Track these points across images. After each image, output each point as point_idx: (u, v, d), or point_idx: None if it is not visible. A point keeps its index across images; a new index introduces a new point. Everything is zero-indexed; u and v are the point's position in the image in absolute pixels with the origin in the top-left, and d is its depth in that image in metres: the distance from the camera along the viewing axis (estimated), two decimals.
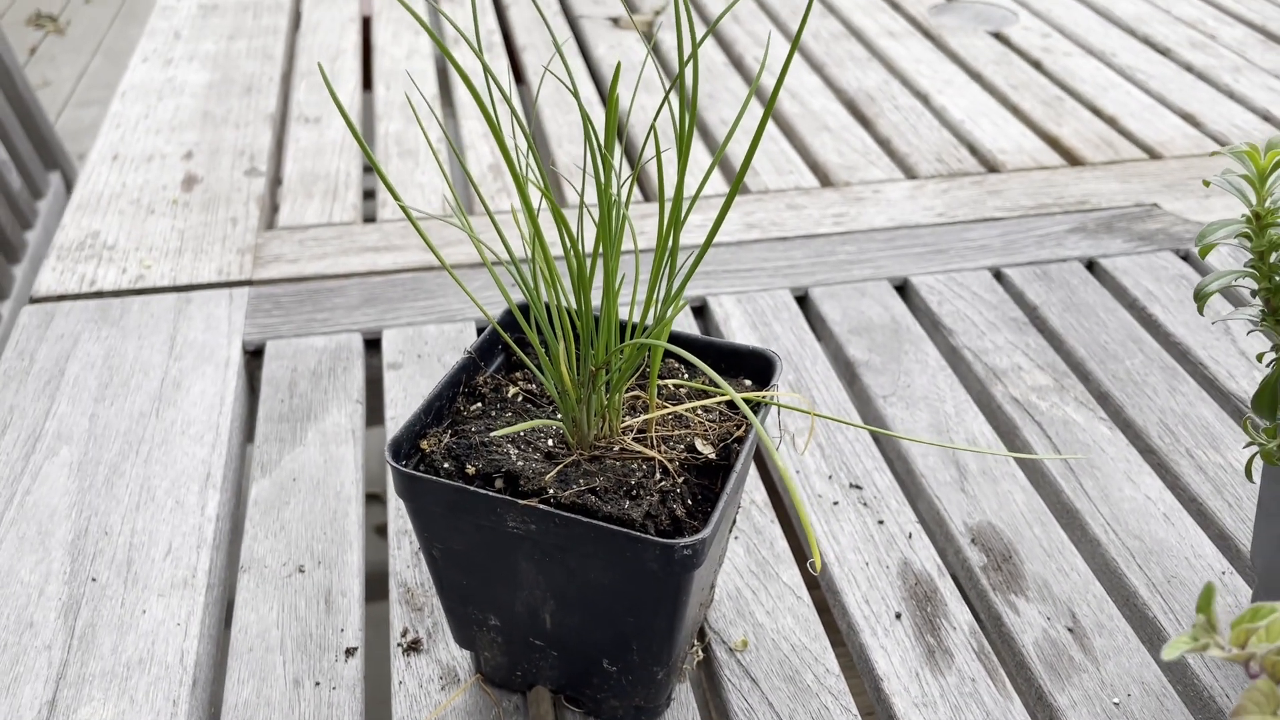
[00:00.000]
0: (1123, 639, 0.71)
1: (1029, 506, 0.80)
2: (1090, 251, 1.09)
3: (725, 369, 0.66)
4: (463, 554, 0.59)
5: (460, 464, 0.59)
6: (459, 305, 1.00)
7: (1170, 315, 1.00)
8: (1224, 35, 1.61)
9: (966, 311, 1.01)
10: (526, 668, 0.64)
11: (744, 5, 1.69)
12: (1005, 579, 0.75)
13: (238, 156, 1.24)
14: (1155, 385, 0.92)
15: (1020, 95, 1.42)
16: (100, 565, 0.74)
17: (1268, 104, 1.40)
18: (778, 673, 0.68)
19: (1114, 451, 0.85)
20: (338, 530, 0.77)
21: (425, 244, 1.08)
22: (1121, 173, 1.24)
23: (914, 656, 0.69)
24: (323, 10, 1.64)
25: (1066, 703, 0.67)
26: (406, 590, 0.73)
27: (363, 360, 0.94)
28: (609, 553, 0.54)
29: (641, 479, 0.58)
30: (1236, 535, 0.78)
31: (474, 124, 1.33)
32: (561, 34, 1.58)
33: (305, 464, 0.83)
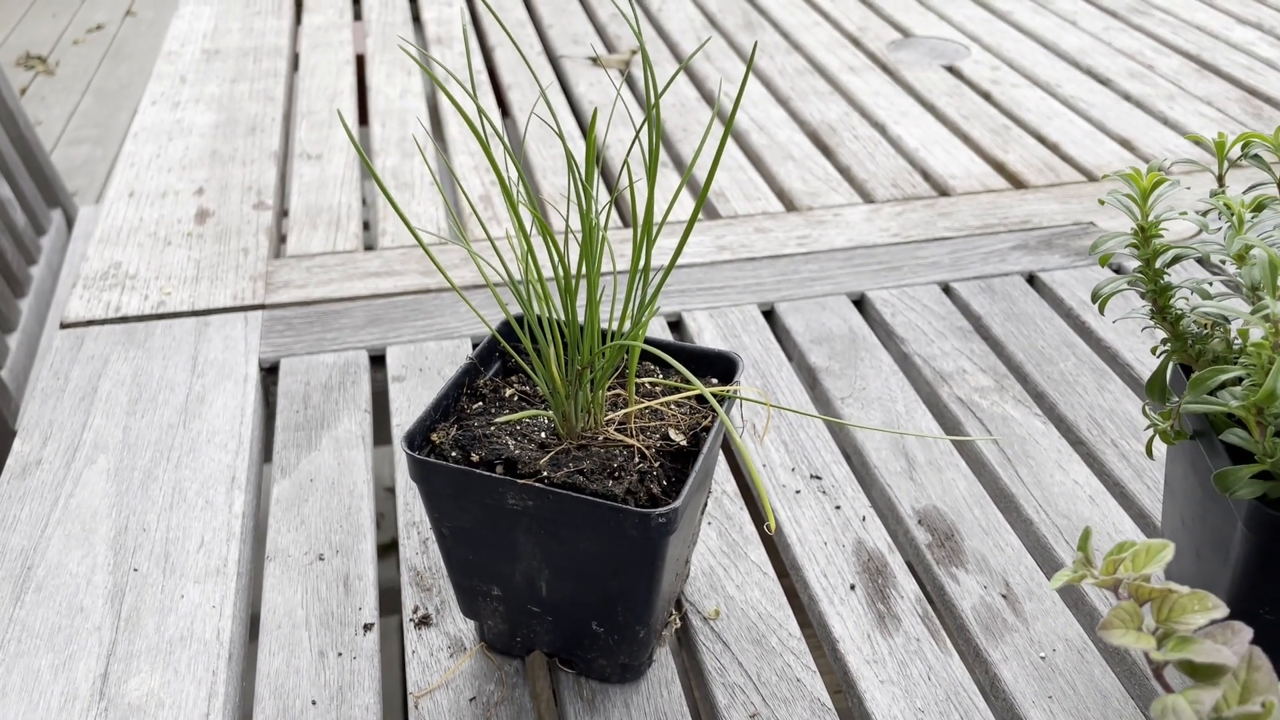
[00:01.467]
0: (1050, 603, 0.80)
1: (970, 492, 0.90)
2: (1031, 266, 1.20)
3: (694, 369, 0.76)
4: (469, 531, 0.68)
5: (466, 452, 0.68)
6: (455, 324, 1.10)
7: (1101, 322, 1.11)
8: (1161, 65, 1.73)
9: (917, 322, 1.11)
10: (525, 633, 0.73)
11: (715, 44, 1.80)
12: (948, 554, 0.84)
13: (246, 191, 1.33)
14: (1086, 384, 1.02)
15: (970, 124, 1.53)
16: (140, 557, 0.83)
17: (1199, 129, 1.51)
18: (746, 636, 0.77)
19: (1047, 443, 0.95)
20: (353, 523, 0.86)
21: (434, 265, 1.18)
22: (1061, 194, 1.35)
23: (866, 621, 0.79)
24: (320, 54, 1.74)
25: (999, 657, 0.76)
26: (416, 574, 0.82)
27: (369, 375, 1.03)
28: (596, 523, 0.63)
29: (623, 463, 0.67)
30: (1153, 513, 0.88)
31: (464, 158, 1.43)
32: (544, 73, 1.69)
33: (321, 466, 0.92)
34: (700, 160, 1.43)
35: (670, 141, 1.49)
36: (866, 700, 0.73)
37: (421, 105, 1.58)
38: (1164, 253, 0.68)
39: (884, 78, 1.69)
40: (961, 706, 0.73)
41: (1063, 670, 0.75)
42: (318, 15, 1.90)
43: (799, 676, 0.75)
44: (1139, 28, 1.89)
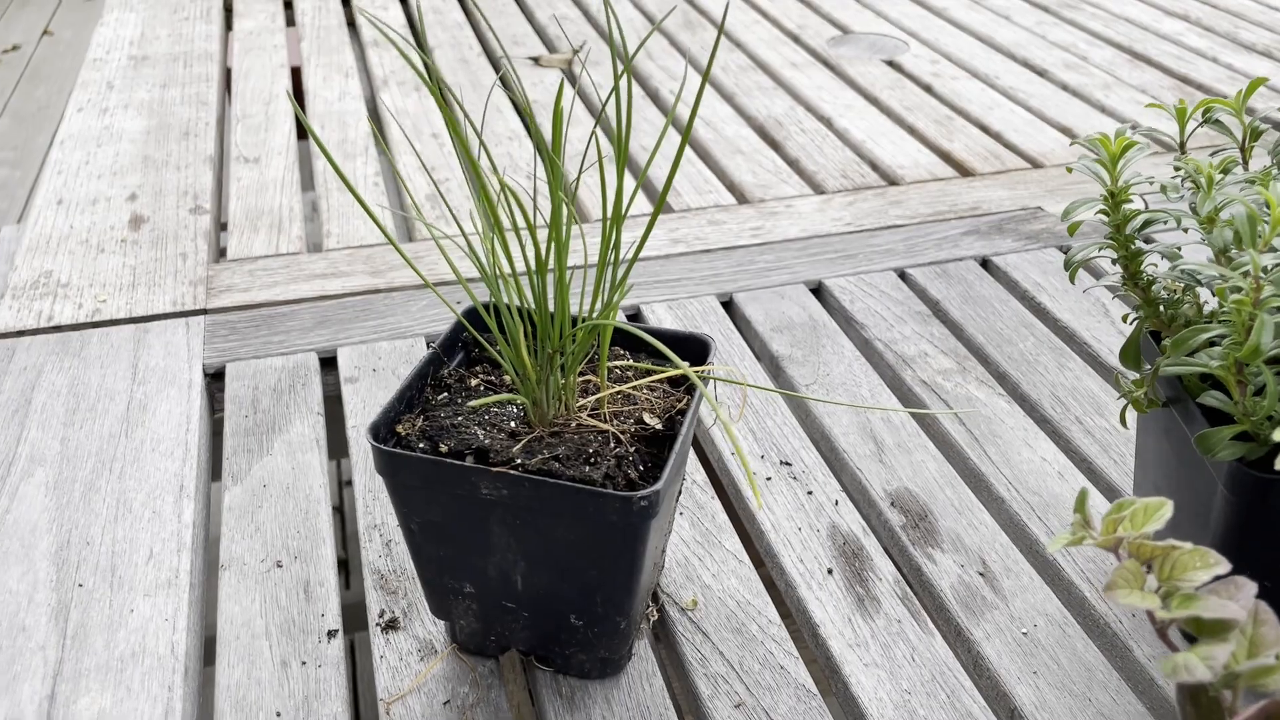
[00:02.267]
0: (1028, 579, 0.79)
1: (940, 473, 0.89)
2: (984, 251, 1.20)
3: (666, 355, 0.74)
4: (439, 525, 0.65)
5: (434, 443, 0.65)
6: (408, 323, 1.07)
7: (1057, 303, 1.11)
8: (1095, 56, 1.76)
9: (876, 308, 1.10)
10: (500, 631, 0.70)
11: (655, 42, 1.79)
12: (922, 535, 0.83)
13: (181, 196, 1.29)
14: (1046, 364, 1.02)
15: (914, 116, 1.54)
16: (85, 572, 0.78)
17: (1136, 115, 1.54)
18: (726, 625, 0.75)
19: (1012, 422, 0.95)
20: (310, 528, 0.83)
21: (385, 263, 1.14)
22: (1008, 181, 1.36)
23: (846, 605, 0.77)
24: (253, 59, 1.69)
25: (981, 635, 0.75)
26: (380, 577, 0.79)
27: (319, 377, 1.00)
28: (575, 509, 0.61)
29: (599, 448, 0.65)
30: (1122, 487, 0.88)
31: (409, 158, 1.40)
32: (483, 75, 1.66)
33: (274, 471, 0.88)
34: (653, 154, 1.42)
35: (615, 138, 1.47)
36: (852, 684, 0.71)
37: (360, 108, 1.54)
38: (1134, 218, 0.68)
39: (826, 73, 1.69)
40: (948, 686, 0.71)
41: (1045, 645, 0.74)
42: (249, 20, 1.85)
43: (782, 664, 0.73)
44: (1071, 21, 1.92)
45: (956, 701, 0.70)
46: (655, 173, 1.37)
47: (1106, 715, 0.70)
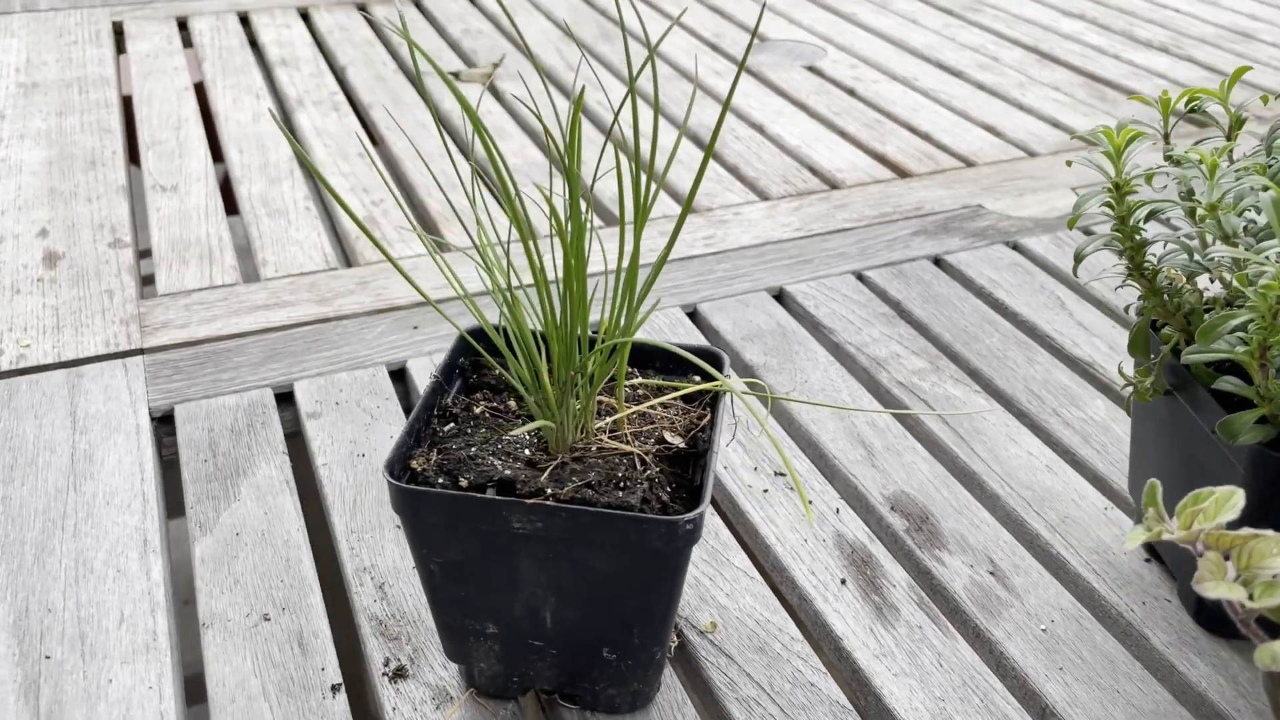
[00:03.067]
0: (1037, 575, 0.79)
1: (933, 473, 0.89)
2: (934, 250, 1.21)
3: (675, 370, 0.71)
4: (461, 564, 0.61)
5: (453, 478, 0.61)
6: (365, 351, 1.02)
7: (1014, 298, 1.12)
8: (1005, 57, 1.80)
9: (841, 311, 1.10)
10: (524, 672, 0.66)
11: (578, 54, 1.77)
12: (927, 538, 0.82)
13: (98, 230, 1.21)
14: (1015, 358, 1.03)
15: (844, 120, 1.55)
16: (51, 642, 0.71)
17: (1054, 113, 1.58)
18: (749, 646, 0.73)
19: (993, 418, 0.95)
20: (294, 576, 0.77)
21: (326, 292, 1.09)
22: (945, 180, 1.37)
23: (865, 615, 0.76)
24: (153, 82, 1.61)
25: (1002, 635, 0.74)
26: (379, 623, 0.74)
27: (278, 414, 0.94)
28: (614, 537, 0.58)
29: (627, 472, 0.62)
30: (1109, 476, 0.89)
31: (339, 180, 1.34)
32: (403, 92, 1.61)
33: (245, 518, 0.82)
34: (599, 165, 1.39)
35: (553, 151, 1.44)
36: (885, 696, 0.70)
37: (277, 130, 1.47)
38: (1139, 209, 0.68)
39: (750, 80, 1.69)
40: (980, 690, 0.70)
41: (1066, 640, 0.74)
42: (143, 43, 1.76)
43: (812, 680, 0.71)
44: (976, 24, 1.96)
45: (991, 705, 0.70)
46: (603, 187, 1.34)
47: (1136, 706, 0.70)
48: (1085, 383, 1.00)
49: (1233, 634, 0.74)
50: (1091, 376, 1.01)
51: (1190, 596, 0.76)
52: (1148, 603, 0.77)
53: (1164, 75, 1.73)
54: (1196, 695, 0.71)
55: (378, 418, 0.93)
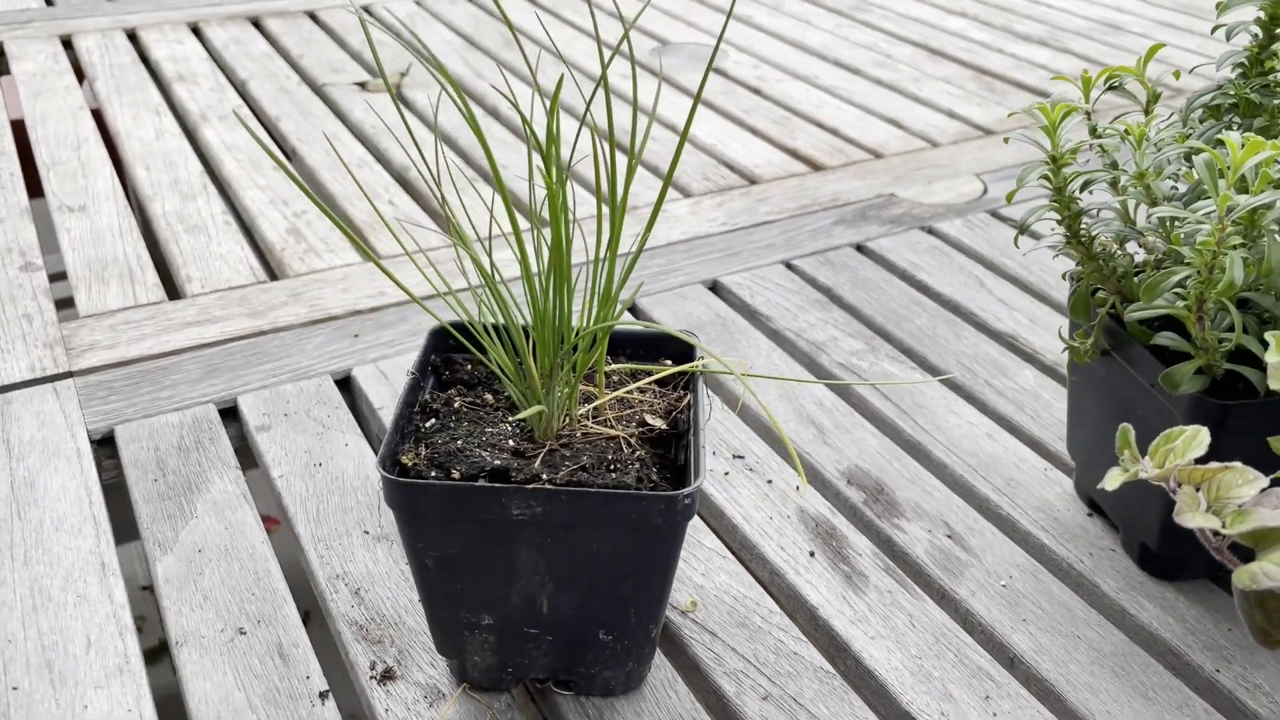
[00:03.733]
0: (990, 535, 0.83)
1: (882, 447, 0.92)
2: (855, 238, 1.25)
3: (649, 354, 0.73)
4: (458, 556, 0.61)
5: (445, 470, 0.61)
6: (307, 362, 1.00)
7: (935, 279, 1.17)
8: (897, 54, 1.87)
9: (776, 299, 1.13)
10: (519, 661, 0.67)
11: (483, 61, 1.77)
12: (884, 508, 0.86)
13: (5, 254, 1.16)
14: (944, 335, 1.08)
15: (753, 118, 1.59)
16: (16, 673, 0.69)
17: (949, 104, 1.65)
18: (729, 621, 0.75)
19: (932, 391, 0.99)
20: (265, 589, 0.76)
21: (256, 306, 1.07)
22: (857, 172, 1.42)
23: (836, 584, 0.78)
24: (45, 102, 1.54)
25: (966, 593, 0.78)
26: (359, 628, 0.73)
27: (224, 429, 0.92)
28: (615, 517, 0.59)
29: (616, 454, 0.63)
30: (1044, 440, 0.93)
31: (256, 194, 1.31)
32: (309, 104, 1.59)
33: (206, 535, 0.80)
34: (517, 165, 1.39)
35: (472, 157, 1.44)
36: (865, 659, 0.72)
37: (184, 145, 1.44)
38: (1074, 180, 0.73)
39: (655, 81, 1.72)
40: (952, 645, 0.74)
41: (1025, 593, 0.78)
42: (27, 63, 1.69)
43: (794, 650, 0.73)
44: (866, 23, 2.03)
45: (964, 659, 0.73)
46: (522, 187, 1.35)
47: (1096, 649, 0.74)
48: (1012, 354, 1.05)
49: (1174, 577, 0.79)
50: (1016, 348, 1.06)
51: (1134, 545, 0.81)
52: (1095, 554, 0.82)
53: (1046, 66, 1.82)
54: (1149, 635, 0.75)
55: (330, 427, 0.92)
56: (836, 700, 0.70)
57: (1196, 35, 2.01)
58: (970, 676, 0.72)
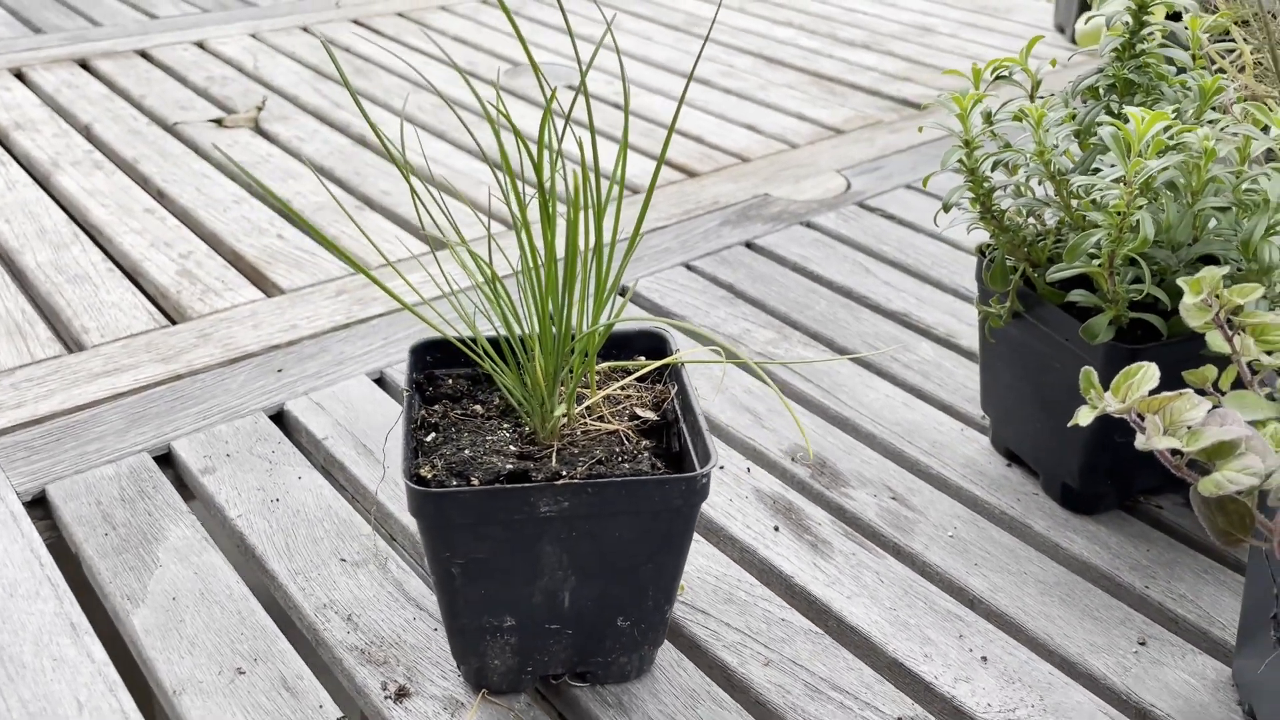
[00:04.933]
0: (930, 493, 0.90)
1: (814, 424, 0.98)
2: (743, 236, 1.32)
3: (622, 351, 0.76)
4: (484, 561, 0.63)
5: (465, 478, 0.63)
6: (236, 401, 0.98)
7: (825, 269, 1.25)
8: (740, 64, 1.96)
9: (685, 299, 1.18)
10: (538, 659, 0.69)
11: (339, 92, 1.75)
12: (830, 480, 0.92)
13: None
14: (844, 319, 1.15)
15: (616, 131, 1.64)
16: None
17: (798, 108, 1.74)
18: (717, 599, 0.79)
19: (847, 370, 1.06)
20: (253, 627, 0.75)
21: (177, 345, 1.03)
22: (730, 176, 1.49)
23: (804, 553, 0.83)
24: None
25: (920, 547, 0.85)
26: (361, 652, 0.73)
27: (165, 476, 0.89)
28: (637, 503, 0.62)
29: (621, 447, 0.66)
30: (954, 404, 1.02)
31: (133, 238, 1.26)
32: (165, 144, 1.53)
33: (177, 582, 0.78)
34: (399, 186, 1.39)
35: (350, 185, 1.43)
36: (847, 617, 0.78)
37: (40, 195, 1.37)
38: (986, 160, 0.81)
39: (522, 103, 1.75)
40: (920, 595, 0.80)
41: (971, 540, 0.85)
42: None
43: (782, 617, 0.78)
44: (703, 37, 2.12)
45: (933, 605, 0.79)
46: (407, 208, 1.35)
47: (1042, 581, 0.82)
48: (908, 331, 1.13)
49: (1093, 511, 0.88)
50: (910, 325, 1.15)
51: (1055, 487, 0.89)
52: (1022, 499, 0.90)
53: (874, 68, 1.95)
54: (1082, 564, 0.84)
55: (277, 462, 0.91)
56: (830, 657, 0.75)
57: (996, 34, 2.19)
58: (942, 620, 0.78)
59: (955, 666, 0.74)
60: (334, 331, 1.10)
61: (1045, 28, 2.24)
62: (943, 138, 1.63)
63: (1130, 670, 0.74)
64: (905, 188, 1.47)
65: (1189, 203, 0.73)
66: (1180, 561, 0.84)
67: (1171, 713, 0.71)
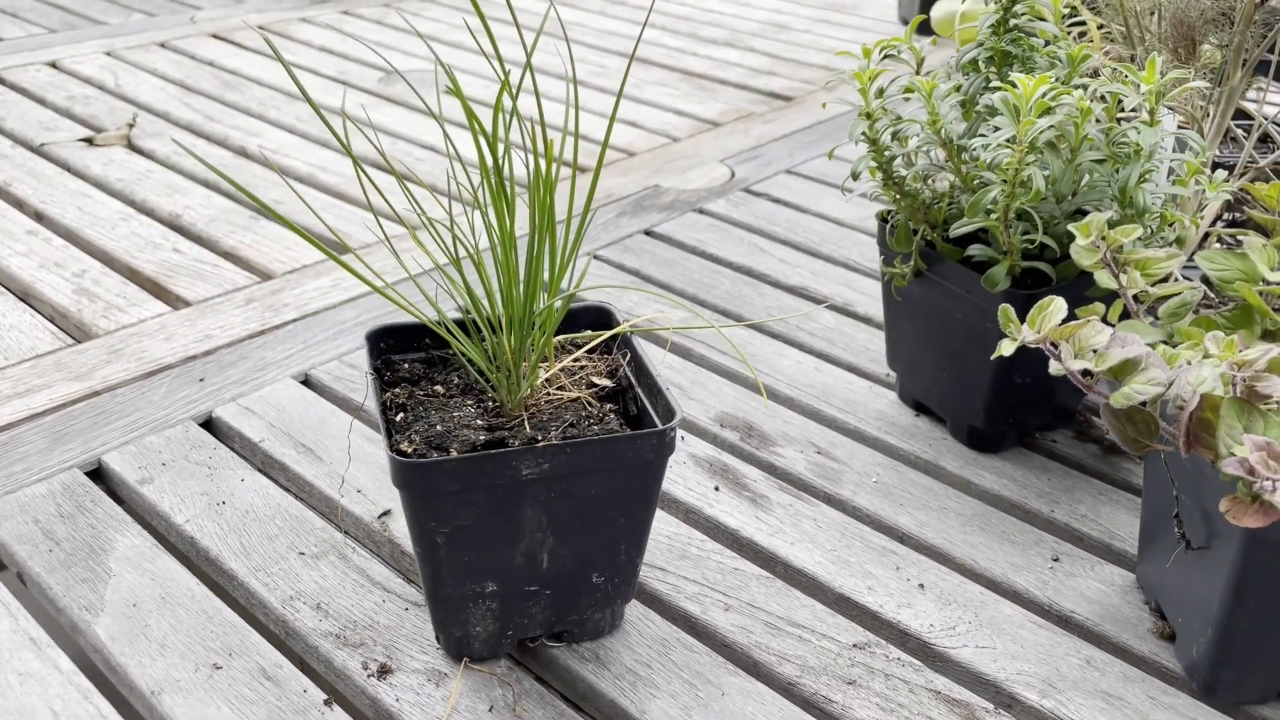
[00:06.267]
0: (850, 446, 0.97)
1: (737, 393, 1.04)
2: (642, 225, 1.37)
3: (570, 326, 0.80)
4: (468, 528, 0.66)
5: (444, 450, 0.65)
6: (162, 412, 0.97)
7: (723, 250, 1.31)
8: (610, 65, 2.01)
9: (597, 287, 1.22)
10: (518, 622, 0.71)
11: (211, 106, 1.72)
12: (759, 441, 0.97)
13: None
14: (748, 295, 1.21)
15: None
16: None
17: (674, 104, 1.81)
18: (671, 556, 0.83)
19: (759, 341, 1.12)
20: (221, 623, 0.75)
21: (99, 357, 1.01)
22: (619, 170, 1.54)
23: (746, 508, 0.89)
24: None
25: (849, 494, 0.91)
26: (336, 637, 0.75)
27: (100, 489, 0.88)
28: (612, 460, 0.66)
29: (587, 412, 0.70)
30: (859, 365, 1.09)
31: (20, 260, 1.22)
32: (35, 165, 1.48)
33: (134, 589, 0.78)
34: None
35: (239, 197, 1.42)
36: (793, 560, 0.83)
37: None
38: (886, 131, 0.87)
39: (399, 109, 1.75)
40: (857, 535, 0.86)
41: (893, 484, 0.92)
42: None
43: (735, 567, 0.83)
44: (570, 39, 2.16)
45: (869, 544, 0.85)
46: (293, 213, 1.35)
47: (961, 514, 0.89)
48: (807, 302, 1.20)
49: (997, 449, 0.96)
50: (809, 297, 1.22)
51: (962, 430, 0.97)
52: (932, 444, 0.97)
53: (739, 64, 2.03)
54: (994, 496, 0.92)
55: (217, 467, 0.91)
56: (784, 598, 0.80)
57: (847, 28, 2.31)
58: (879, 555, 0.84)
59: (897, 595, 0.81)
60: (251, 339, 1.09)
61: (891, 20, 2.37)
62: (814, 125, 1.72)
63: (1049, 584, 0.82)
64: (786, 173, 1.54)
65: (1068, 159, 0.81)
66: (1078, 487, 0.92)
67: (1090, 616, 0.79)
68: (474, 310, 0.69)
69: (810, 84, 1.92)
